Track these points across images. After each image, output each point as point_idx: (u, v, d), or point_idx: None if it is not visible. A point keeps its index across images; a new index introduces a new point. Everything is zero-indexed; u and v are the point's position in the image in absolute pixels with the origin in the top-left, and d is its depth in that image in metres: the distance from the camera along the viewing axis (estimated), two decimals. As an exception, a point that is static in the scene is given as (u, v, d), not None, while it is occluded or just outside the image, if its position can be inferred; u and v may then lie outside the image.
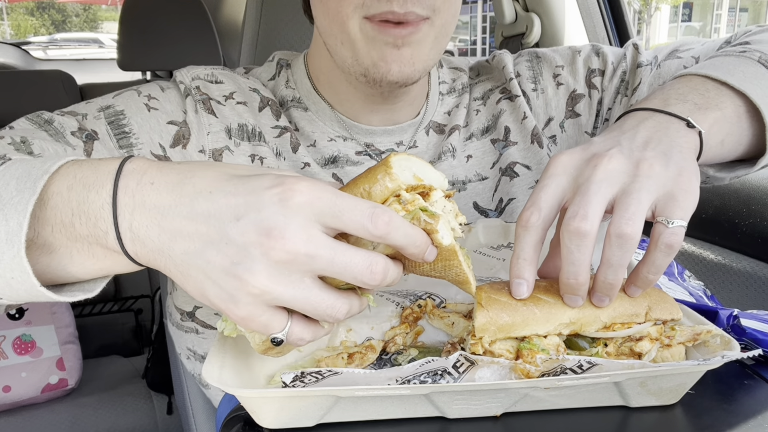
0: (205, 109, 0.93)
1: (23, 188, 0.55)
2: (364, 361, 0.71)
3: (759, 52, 0.82)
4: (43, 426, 1.79)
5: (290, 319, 0.56)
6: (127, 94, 0.91)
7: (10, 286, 0.56)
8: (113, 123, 0.87)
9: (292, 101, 0.99)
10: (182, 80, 0.95)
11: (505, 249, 0.89)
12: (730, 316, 0.78)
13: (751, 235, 1.37)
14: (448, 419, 0.64)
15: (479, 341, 0.63)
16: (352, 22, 0.83)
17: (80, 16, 27.56)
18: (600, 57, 1.06)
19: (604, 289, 0.64)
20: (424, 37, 0.84)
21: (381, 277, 0.54)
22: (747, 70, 0.79)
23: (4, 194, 0.55)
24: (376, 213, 0.52)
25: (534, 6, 1.84)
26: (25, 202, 0.54)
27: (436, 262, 0.59)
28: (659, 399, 0.65)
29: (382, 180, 0.58)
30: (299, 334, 0.57)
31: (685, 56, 1.00)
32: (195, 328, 0.99)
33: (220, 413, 0.86)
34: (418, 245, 0.55)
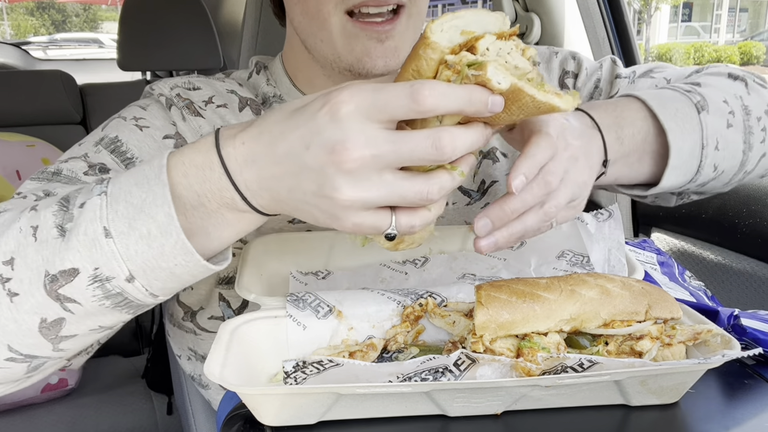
0: (191, 113, 0.94)
1: (149, 188, 0.60)
2: (365, 359, 0.71)
3: (699, 96, 0.87)
4: (43, 426, 1.78)
5: (394, 214, 0.59)
6: (114, 123, 0.91)
7: (173, 275, 0.63)
8: (115, 151, 0.87)
9: (274, 98, 1.01)
10: (161, 92, 0.96)
11: (506, 249, 0.89)
12: (730, 315, 0.78)
13: (751, 235, 1.37)
14: (449, 417, 0.64)
15: (480, 339, 0.63)
16: (333, 18, 0.85)
17: (80, 16, 27.55)
18: (575, 61, 1.10)
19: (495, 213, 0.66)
20: (404, 29, 0.87)
21: (450, 149, 0.55)
22: (680, 108, 0.85)
23: (135, 200, 0.61)
24: (414, 90, 0.54)
25: (534, 6, 1.84)
26: (161, 195, 0.60)
27: (510, 107, 0.58)
28: (660, 398, 0.65)
29: (424, 53, 0.57)
30: (408, 223, 0.60)
31: (658, 77, 1.04)
32: (193, 329, 1.00)
33: (220, 412, 0.86)
34: (475, 102, 0.55)
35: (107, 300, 0.63)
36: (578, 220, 0.85)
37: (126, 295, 0.63)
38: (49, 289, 0.62)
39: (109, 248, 0.60)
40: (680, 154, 0.83)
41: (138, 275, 0.62)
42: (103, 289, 0.62)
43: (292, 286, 0.83)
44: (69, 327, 0.66)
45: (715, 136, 0.85)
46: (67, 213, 0.63)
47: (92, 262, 0.61)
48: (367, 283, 0.85)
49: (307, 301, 0.74)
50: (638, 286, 0.67)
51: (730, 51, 19.03)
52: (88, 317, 0.65)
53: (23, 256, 0.63)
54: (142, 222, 0.60)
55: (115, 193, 0.62)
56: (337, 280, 0.85)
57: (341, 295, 0.75)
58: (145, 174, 0.62)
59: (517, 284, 0.65)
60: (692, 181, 0.87)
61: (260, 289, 0.80)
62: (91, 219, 0.61)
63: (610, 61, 1.10)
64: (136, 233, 0.60)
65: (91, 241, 0.60)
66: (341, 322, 0.73)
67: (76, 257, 0.61)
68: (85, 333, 0.68)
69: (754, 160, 0.92)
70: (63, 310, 0.64)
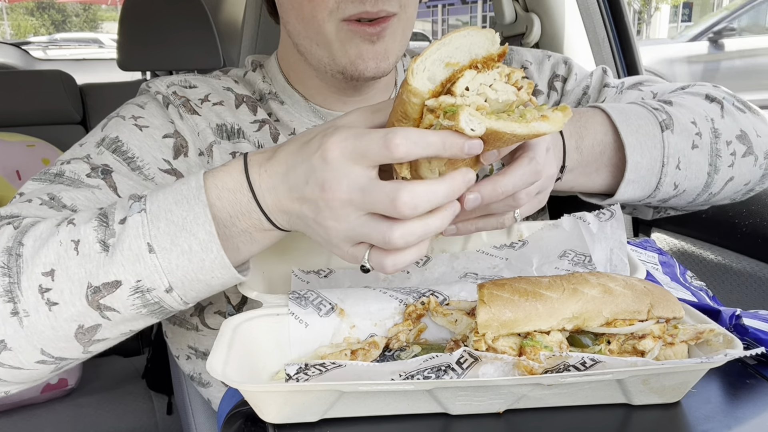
0: (187, 110, 0.95)
1: (189, 208, 0.67)
2: (367, 357, 0.71)
3: (666, 115, 0.89)
4: (43, 426, 1.78)
5: (369, 250, 0.65)
6: (113, 122, 0.92)
7: (209, 286, 0.70)
8: (116, 151, 0.88)
9: (269, 94, 1.02)
10: (158, 90, 0.97)
11: (508, 248, 0.89)
12: (732, 315, 0.78)
13: (751, 235, 1.37)
14: (451, 415, 0.64)
15: (482, 338, 0.63)
16: (328, 25, 0.87)
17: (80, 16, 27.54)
18: (566, 66, 1.12)
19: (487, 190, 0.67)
20: (394, 31, 0.89)
21: (408, 208, 0.59)
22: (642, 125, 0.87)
23: (176, 219, 0.67)
24: (388, 138, 0.58)
25: (534, 6, 1.84)
26: (202, 215, 0.66)
27: (494, 143, 0.60)
28: (662, 397, 0.65)
29: (407, 98, 0.59)
30: (378, 261, 0.65)
31: (645, 90, 1.05)
32: (196, 325, 1.00)
33: (221, 410, 0.86)
34: (449, 147, 0.58)
35: (144, 308, 0.69)
36: (580, 219, 0.85)
37: (162, 304, 0.69)
38: (91, 299, 0.67)
39: (152, 262, 0.66)
40: (637, 168, 0.85)
41: (176, 286, 0.68)
42: (142, 299, 0.68)
43: (294, 284, 0.83)
44: (103, 332, 0.71)
45: (677, 155, 0.87)
46: (108, 229, 0.68)
47: (135, 275, 0.66)
48: (369, 282, 0.85)
49: (309, 299, 0.74)
50: (640, 286, 0.67)
51: (730, 52, 18.99)
52: (123, 323, 0.71)
53: (65, 269, 0.67)
54: (184, 239, 0.66)
55: (154, 211, 0.67)
56: (338, 278, 0.85)
57: (343, 293, 0.75)
58: (184, 194, 0.68)
59: (520, 283, 0.65)
60: (651, 197, 0.90)
61: (262, 287, 0.80)
62: (135, 236, 0.66)
63: (601, 70, 1.12)
64: (178, 249, 0.66)
65: (135, 256, 0.66)
66: (343, 320, 0.73)
67: (120, 271, 0.66)
68: (116, 336, 0.74)
69: (720, 183, 0.94)
70: (101, 318, 0.69)
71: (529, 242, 0.89)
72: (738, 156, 0.93)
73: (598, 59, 1.77)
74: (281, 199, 0.66)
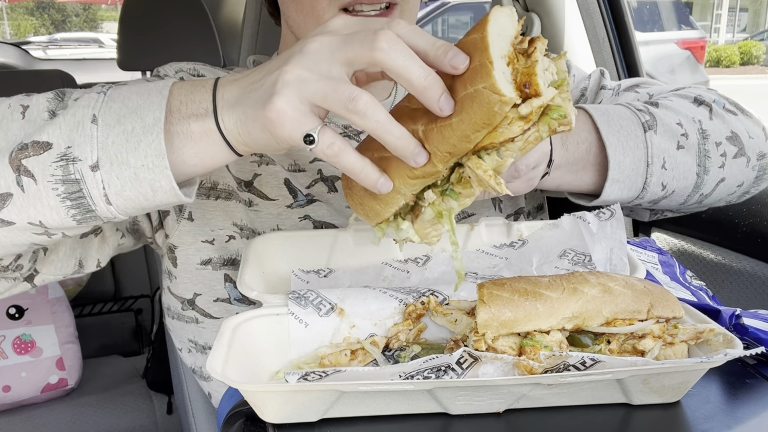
0: None
1: (148, 97, 0.65)
2: (367, 357, 0.71)
3: (650, 116, 0.89)
4: (43, 426, 1.79)
5: (322, 125, 0.61)
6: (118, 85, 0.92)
7: (136, 177, 0.64)
8: None
9: None
10: (166, 73, 0.99)
11: (508, 248, 0.89)
12: (732, 315, 0.78)
13: (751, 235, 1.37)
14: (451, 415, 0.64)
15: (482, 338, 0.63)
16: (327, 15, 0.86)
17: (80, 16, 27.51)
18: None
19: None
20: None
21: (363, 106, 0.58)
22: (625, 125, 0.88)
23: (131, 104, 0.65)
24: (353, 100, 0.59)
25: (534, 6, 1.84)
26: (157, 104, 0.64)
27: None
28: (661, 397, 0.65)
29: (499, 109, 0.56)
30: (329, 139, 0.60)
31: (642, 92, 1.05)
32: (195, 317, 1.00)
33: (221, 409, 0.86)
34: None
35: (62, 185, 0.64)
36: (580, 219, 0.85)
37: (82, 186, 0.64)
38: (14, 156, 0.64)
39: (90, 132, 0.63)
40: (621, 168, 0.86)
41: (103, 165, 0.63)
42: (64, 170, 0.63)
43: (294, 284, 0.83)
44: (11, 209, 0.66)
45: (662, 156, 0.88)
46: (62, 102, 0.67)
47: (68, 141, 0.63)
48: (369, 282, 0.84)
49: (309, 298, 0.74)
50: (640, 285, 0.67)
51: (730, 51, 19.02)
52: (35, 203, 0.65)
53: (4, 129, 0.66)
54: (130, 120, 0.64)
55: (114, 95, 0.66)
56: (338, 278, 0.85)
57: (343, 293, 0.75)
58: (148, 88, 0.66)
59: (520, 282, 0.65)
60: (639, 198, 0.90)
61: (262, 287, 0.80)
62: (83, 106, 0.65)
63: (599, 72, 1.12)
64: (120, 127, 0.64)
65: (77, 122, 0.64)
66: (343, 320, 0.73)
67: (55, 132, 0.64)
68: (23, 225, 0.67)
69: (710, 184, 0.93)
70: (15, 184, 0.65)
71: (528, 242, 0.89)
72: (729, 157, 0.93)
73: (598, 59, 1.77)
74: (242, 83, 0.65)
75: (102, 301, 2.32)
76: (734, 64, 18.91)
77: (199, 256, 0.98)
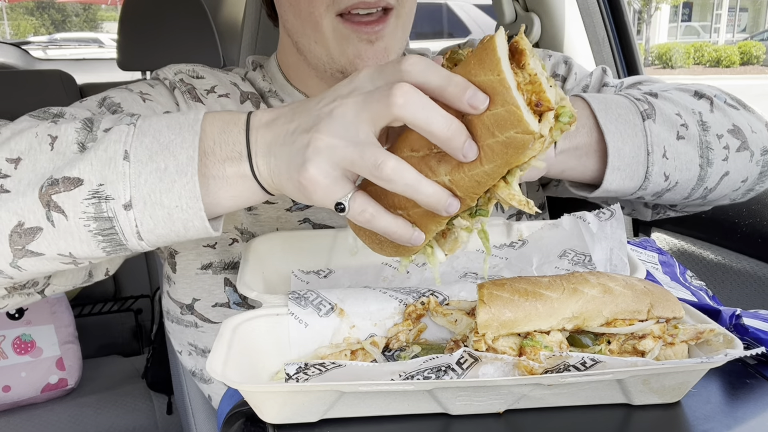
0: (192, 98, 0.96)
1: (180, 133, 0.64)
2: (367, 357, 0.71)
3: (648, 105, 0.88)
4: (43, 426, 1.79)
5: (354, 190, 0.62)
6: (119, 90, 0.93)
7: (170, 217, 0.64)
8: (115, 113, 0.86)
9: (269, 92, 1.03)
10: (165, 76, 0.99)
11: (508, 248, 0.89)
12: (732, 315, 0.78)
13: (751, 235, 1.37)
14: (451, 416, 0.64)
15: (482, 338, 0.63)
16: (325, 20, 0.86)
17: (80, 16, 27.53)
18: (566, 66, 1.11)
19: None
20: (393, 29, 0.89)
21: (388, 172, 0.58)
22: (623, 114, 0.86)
23: (163, 139, 0.63)
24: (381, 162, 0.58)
25: (534, 6, 1.84)
26: (190, 141, 0.63)
27: None
28: (662, 397, 0.65)
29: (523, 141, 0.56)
30: (361, 206, 0.61)
31: (644, 89, 1.04)
32: (194, 321, 1.00)
33: (221, 410, 0.85)
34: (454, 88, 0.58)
35: (94, 222, 0.63)
36: (580, 219, 0.85)
37: (114, 224, 0.63)
38: (44, 192, 0.63)
39: (122, 169, 0.62)
40: (620, 155, 0.84)
41: (137, 205, 0.63)
42: (96, 208, 0.63)
43: (294, 284, 0.83)
44: (41, 242, 0.65)
45: (662, 145, 0.87)
46: (91, 133, 0.65)
47: (100, 178, 0.62)
48: (369, 282, 0.84)
49: (309, 299, 0.74)
50: (640, 285, 0.67)
51: (730, 51, 19.02)
52: (65, 237, 0.65)
53: (33, 160, 0.64)
54: (163, 157, 0.62)
55: (144, 127, 0.64)
56: (338, 278, 0.85)
57: (343, 293, 0.75)
58: (179, 121, 0.65)
59: (520, 282, 0.65)
60: (642, 188, 0.88)
61: (262, 287, 0.80)
62: (115, 141, 0.63)
63: (601, 70, 1.11)
64: (153, 165, 0.62)
65: (108, 158, 0.62)
66: (343, 320, 0.73)
67: (86, 168, 0.62)
68: (52, 256, 0.67)
69: (715, 177, 0.93)
70: (45, 219, 0.64)
71: (529, 242, 0.89)
72: (732, 150, 0.92)
73: (598, 59, 1.77)
74: (276, 128, 0.64)
75: (102, 301, 2.32)
76: (734, 64, 18.90)
77: (199, 260, 0.98)
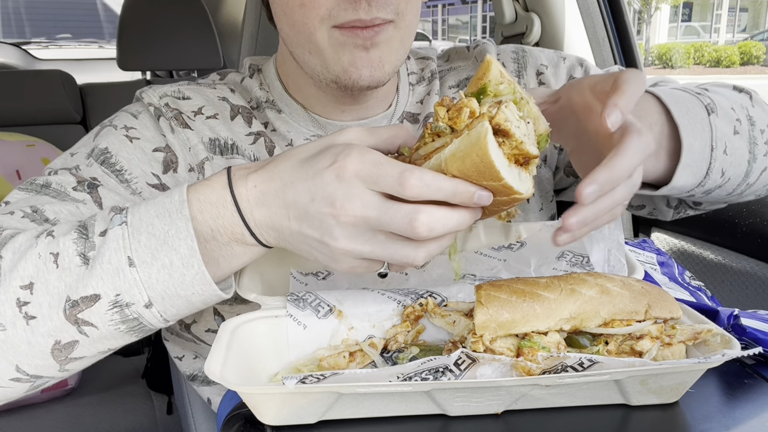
0: (179, 124, 0.93)
1: (171, 222, 0.66)
2: (365, 359, 0.71)
3: (709, 99, 0.87)
4: (43, 426, 1.78)
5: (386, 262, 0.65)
6: (105, 132, 0.91)
7: (189, 302, 0.69)
8: (105, 163, 0.87)
9: (266, 102, 0.99)
10: (150, 101, 0.95)
11: (506, 250, 0.89)
12: (730, 315, 0.79)
13: (751, 235, 1.37)
14: (450, 416, 0.64)
15: (480, 339, 0.63)
16: (319, 32, 0.84)
17: (80, 17, 27.49)
18: (583, 68, 1.09)
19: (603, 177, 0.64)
20: (389, 38, 0.86)
21: (425, 230, 0.60)
22: (691, 108, 0.85)
23: (157, 232, 0.65)
24: (404, 176, 0.59)
25: (534, 6, 1.84)
26: (184, 229, 0.65)
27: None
28: (660, 397, 0.65)
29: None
30: (399, 270, 0.68)
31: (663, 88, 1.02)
32: (194, 339, 1.00)
33: (220, 412, 0.86)
34: (459, 195, 0.60)
35: (123, 324, 0.68)
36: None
37: (141, 320, 0.68)
38: (69, 313, 0.66)
39: (132, 277, 0.65)
40: (691, 151, 0.82)
41: (156, 302, 0.67)
42: (121, 314, 0.67)
43: (293, 286, 0.83)
44: (80, 349, 0.69)
45: (724, 140, 0.85)
46: (88, 241, 0.67)
47: (114, 289, 0.65)
48: (367, 284, 0.84)
49: (308, 300, 0.74)
50: (638, 286, 0.67)
51: (730, 51, 19.01)
52: (101, 340, 0.69)
53: (44, 282, 0.66)
54: (165, 253, 0.65)
55: (135, 224, 0.66)
56: (337, 280, 0.85)
57: (342, 294, 0.75)
58: (166, 207, 0.67)
59: (517, 284, 0.65)
60: (700, 185, 0.86)
61: (261, 289, 0.80)
62: (115, 249, 0.65)
63: (618, 70, 1.08)
64: (158, 263, 0.65)
65: (115, 269, 0.65)
66: (341, 321, 0.73)
67: (99, 284, 0.65)
68: (93, 355, 0.72)
69: (756, 172, 0.92)
70: (79, 333, 0.68)
71: (527, 243, 0.89)
72: None
73: (598, 59, 1.77)
74: (273, 216, 0.65)
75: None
76: (734, 64, 18.88)
77: None
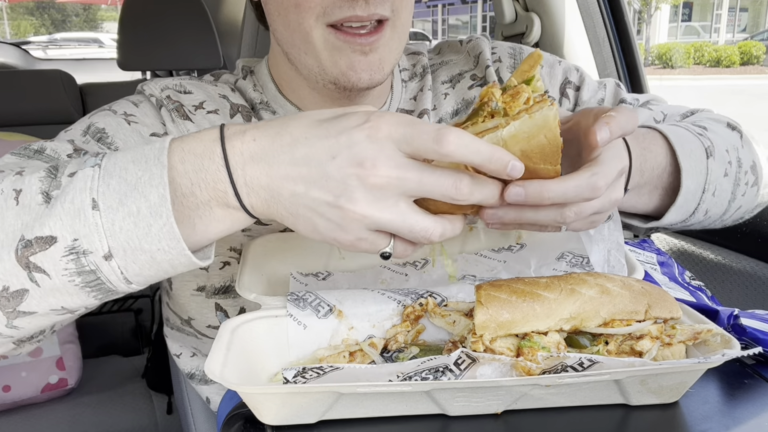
0: (180, 116, 0.93)
1: (146, 168, 0.59)
2: (365, 359, 0.71)
3: (709, 141, 0.88)
4: (42, 426, 1.78)
5: (393, 239, 0.62)
6: (102, 113, 0.90)
7: (153, 261, 0.61)
8: (101, 141, 0.86)
9: (261, 104, 0.99)
10: (152, 93, 0.94)
11: (506, 251, 0.89)
12: (730, 315, 0.79)
13: (751, 235, 1.37)
14: (449, 416, 0.64)
15: (480, 339, 0.63)
16: (315, 32, 0.83)
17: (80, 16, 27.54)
18: (578, 74, 1.09)
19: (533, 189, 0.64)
20: (388, 40, 0.86)
21: (467, 193, 0.58)
22: (693, 150, 0.86)
23: (130, 177, 0.59)
24: (440, 133, 0.56)
25: (534, 6, 1.84)
26: (158, 176, 0.59)
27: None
28: (659, 397, 0.65)
29: None
30: (404, 251, 0.63)
31: (656, 109, 1.04)
32: (194, 333, 1.00)
33: (221, 411, 0.86)
34: (495, 161, 0.57)
35: (78, 276, 0.61)
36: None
37: (99, 275, 0.61)
38: (21, 255, 0.60)
39: (94, 221, 0.59)
40: (686, 193, 0.84)
41: (117, 254, 0.60)
42: (77, 263, 0.60)
43: (293, 286, 0.83)
44: (30, 302, 0.63)
45: (715, 183, 0.86)
46: (55, 180, 0.61)
47: (73, 233, 0.59)
48: (367, 285, 0.85)
49: (308, 300, 0.74)
50: (638, 286, 0.67)
51: (730, 51, 19.01)
52: (53, 294, 0.63)
53: (1, 219, 0.61)
54: (133, 199, 0.59)
55: (109, 167, 0.60)
56: (337, 281, 0.85)
57: (342, 294, 0.75)
58: (144, 153, 0.61)
59: (517, 284, 0.65)
60: (683, 222, 0.88)
61: (261, 289, 0.80)
62: (80, 189, 0.59)
63: (614, 83, 1.10)
64: (124, 209, 0.59)
65: (77, 210, 0.59)
66: (342, 321, 0.73)
67: (56, 225, 0.59)
68: (45, 312, 0.65)
69: (733, 210, 0.93)
70: (29, 281, 0.61)
71: (527, 244, 0.89)
72: (749, 186, 0.93)
73: (598, 59, 1.78)
74: (272, 174, 0.60)
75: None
76: (734, 64, 18.88)
77: (195, 282, 0.96)
